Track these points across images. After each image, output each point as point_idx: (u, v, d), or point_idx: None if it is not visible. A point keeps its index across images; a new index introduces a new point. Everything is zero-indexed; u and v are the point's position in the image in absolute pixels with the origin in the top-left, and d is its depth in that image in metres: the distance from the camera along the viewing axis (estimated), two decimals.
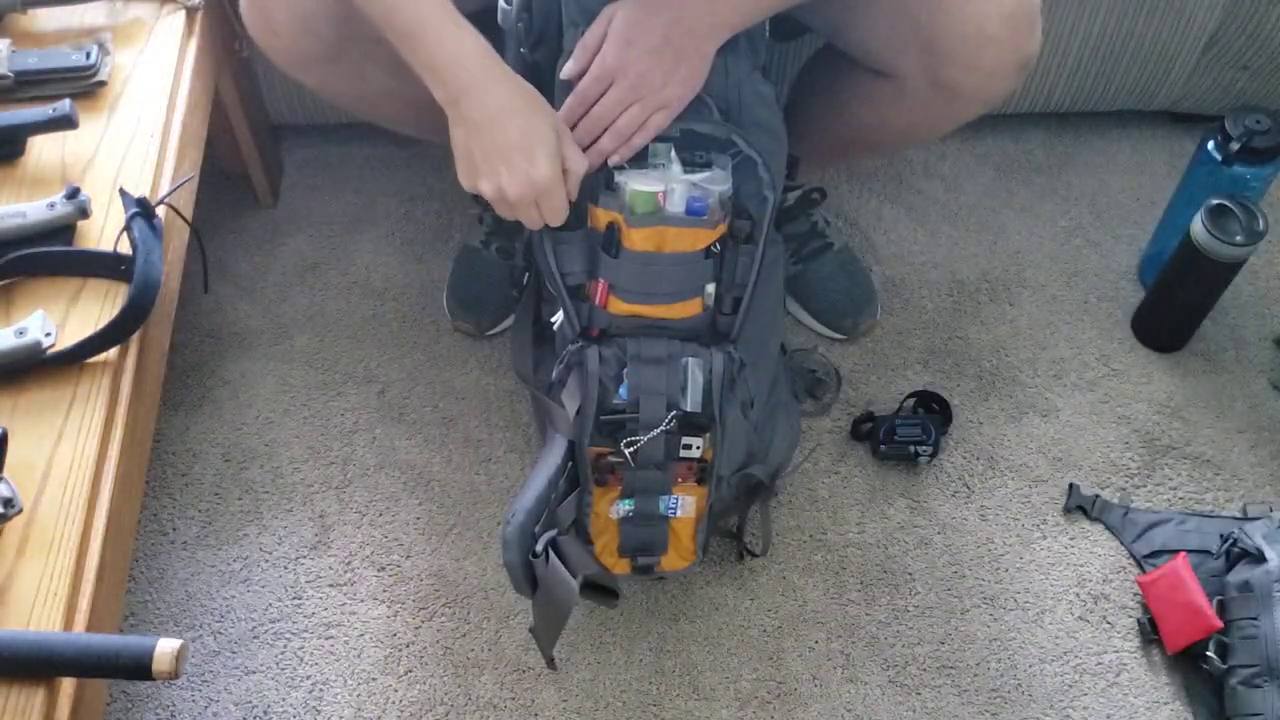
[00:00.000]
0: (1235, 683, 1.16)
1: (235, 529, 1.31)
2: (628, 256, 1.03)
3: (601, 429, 1.08)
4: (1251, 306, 1.50)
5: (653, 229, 1.02)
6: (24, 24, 1.20)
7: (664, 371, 1.06)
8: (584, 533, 1.14)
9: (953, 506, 1.34)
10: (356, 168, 1.62)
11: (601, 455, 1.09)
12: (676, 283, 1.06)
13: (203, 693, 1.21)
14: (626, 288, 1.05)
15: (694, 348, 1.07)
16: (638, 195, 1.01)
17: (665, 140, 1.02)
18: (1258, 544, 1.20)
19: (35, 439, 0.92)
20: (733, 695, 1.21)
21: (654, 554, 1.16)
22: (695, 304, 1.07)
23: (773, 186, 1.05)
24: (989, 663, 1.23)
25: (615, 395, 1.07)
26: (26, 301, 0.99)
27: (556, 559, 1.05)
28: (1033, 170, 1.64)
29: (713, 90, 1.03)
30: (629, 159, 1.02)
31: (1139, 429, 1.40)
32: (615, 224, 1.02)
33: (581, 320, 1.08)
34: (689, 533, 1.15)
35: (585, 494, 1.12)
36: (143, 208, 1.02)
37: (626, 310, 1.06)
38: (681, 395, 1.07)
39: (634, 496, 1.12)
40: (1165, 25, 1.49)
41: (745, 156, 1.03)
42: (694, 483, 1.12)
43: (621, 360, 1.07)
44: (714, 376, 1.07)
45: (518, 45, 1.09)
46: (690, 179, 1.01)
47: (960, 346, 1.47)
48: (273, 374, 1.43)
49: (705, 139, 1.03)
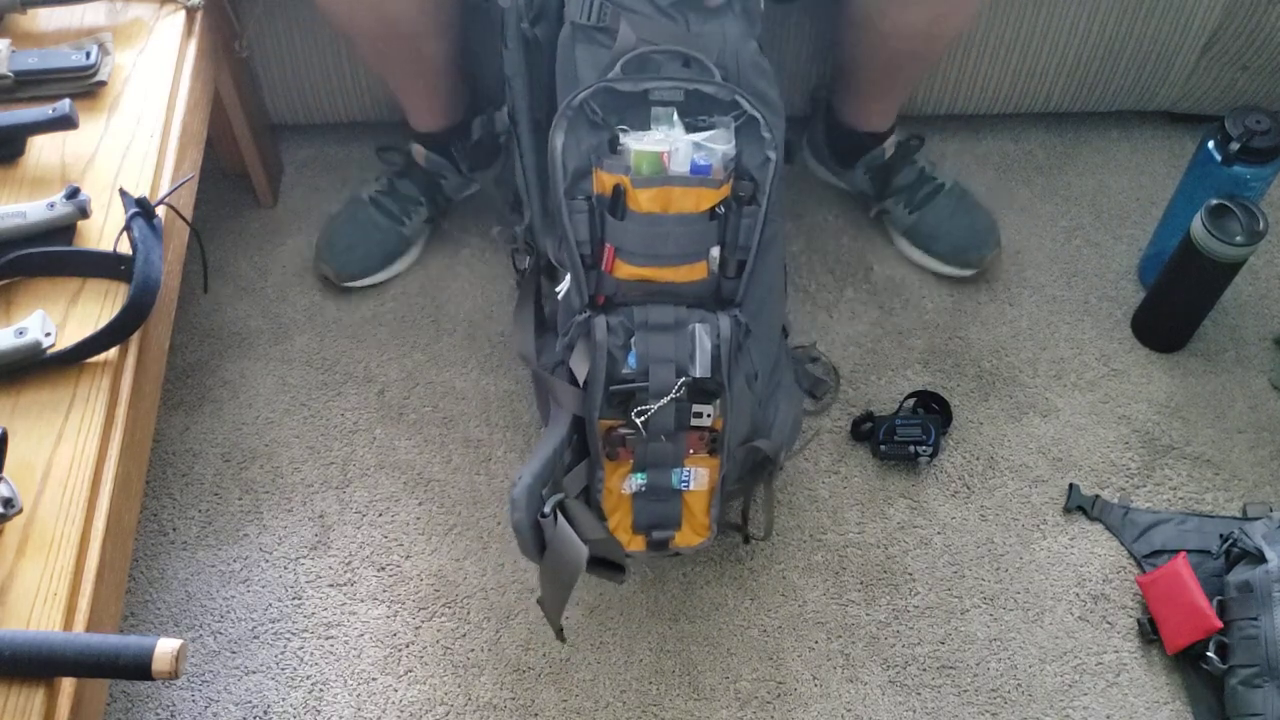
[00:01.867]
0: (1235, 683, 1.16)
1: (235, 529, 1.31)
2: (633, 218, 1.04)
3: (611, 400, 1.08)
4: (1251, 306, 1.50)
5: (658, 189, 1.02)
6: (24, 24, 1.20)
7: (672, 338, 1.06)
8: (597, 509, 1.14)
9: (953, 506, 1.34)
10: (356, 168, 1.62)
11: (612, 428, 1.09)
12: (682, 244, 1.06)
13: (203, 693, 1.21)
14: (632, 250, 1.06)
15: (701, 313, 1.07)
16: (642, 156, 1.02)
17: (669, 103, 1.03)
18: (1258, 544, 1.20)
19: (35, 439, 0.92)
20: (733, 695, 1.21)
21: (668, 529, 1.16)
22: (700, 268, 1.07)
23: (775, 147, 1.05)
24: (989, 663, 1.23)
25: (624, 365, 1.07)
26: (26, 301, 0.99)
27: (565, 522, 1.05)
28: (1033, 170, 1.64)
29: (713, 56, 1.04)
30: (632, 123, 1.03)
31: (1139, 429, 1.40)
32: (621, 185, 1.03)
33: (590, 288, 1.08)
34: (702, 506, 1.15)
35: (597, 469, 1.12)
36: (143, 208, 1.02)
37: (632, 274, 1.07)
38: (690, 362, 1.07)
39: (646, 470, 1.12)
40: (1165, 25, 1.49)
41: (748, 118, 1.04)
42: (705, 454, 1.12)
43: (629, 329, 1.07)
44: (722, 341, 1.07)
45: (518, 20, 1.09)
46: (694, 139, 1.02)
47: (960, 346, 1.47)
48: (273, 374, 1.43)
49: (708, 101, 1.03)
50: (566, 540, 1.04)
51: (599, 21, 1.04)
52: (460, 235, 1.55)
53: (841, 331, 1.47)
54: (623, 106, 1.03)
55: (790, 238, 1.54)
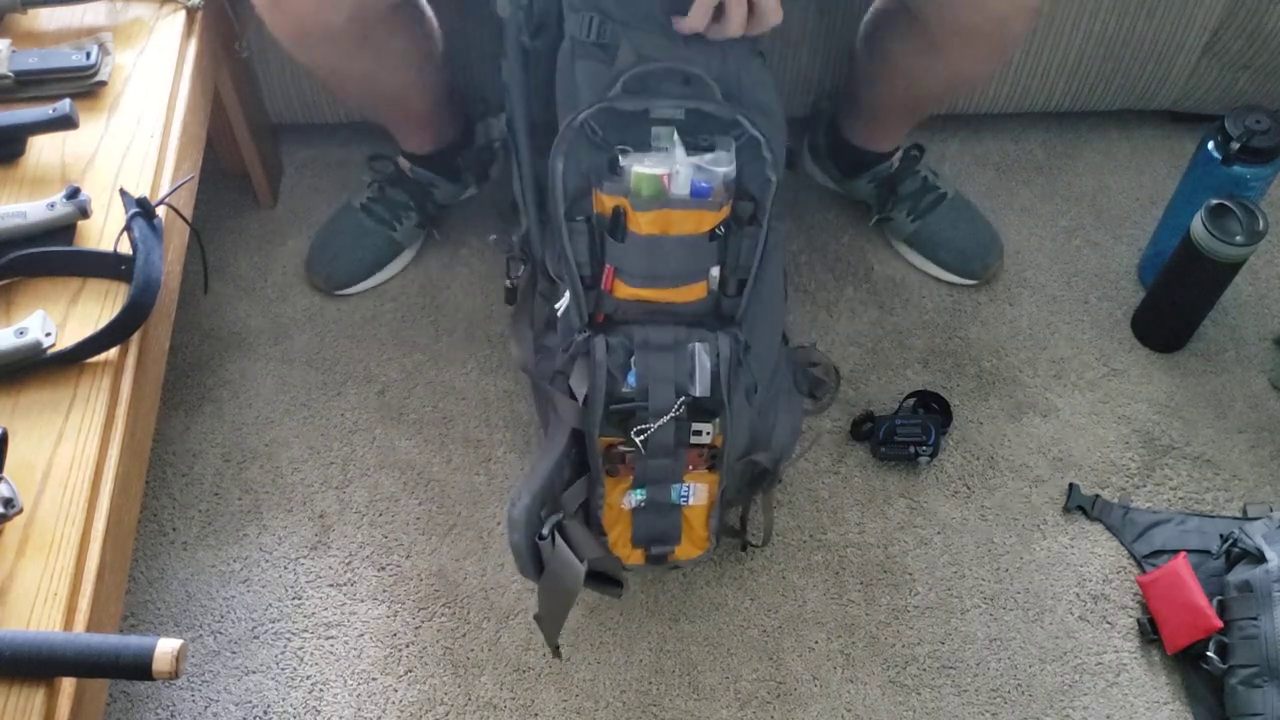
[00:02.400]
0: (1235, 683, 1.16)
1: (235, 529, 1.31)
2: (633, 240, 1.04)
3: (611, 418, 1.08)
4: (1251, 306, 1.50)
5: (658, 212, 1.02)
6: (24, 24, 1.20)
7: (671, 357, 1.07)
8: (597, 524, 1.14)
9: (953, 506, 1.34)
10: (356, 168, 1.62)
11: (612, 445, 1.09)
12: (682, 265, 1.06)
13: (203, 693, 1.21)
14: (632, 271, 1.06)
15: (700, 332, 1.08)
16: (642, 178, 1.01)
17: (669, 123, 1.03)
18: (1258, 544, 1.20)
19: (35, 439, 0.91)
20: (733, 695, 1.21)
21: (668, 544, 1.16)
22: (700, 287, 1.07)
23: (775, 168, 1.05)
24: (989, 663, 1.23)
25: (624, 384, 1.07)
26: (26, 301, 0.99)
27: (563, 542, 1.05)
28: (1033, 170, 1.64)
29: (713, 72, 1.04)
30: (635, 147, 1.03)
31: (1139, 429, 1.40)
32: (620, 208, 1.03)
33: (589, 307, 1.08)
34: (701, 520, 1.16)
35: (597, 485, 1.12)
36: (143, 208, 1.02)
37: (632, 294, 1.07)
38: (690, 381, 1.07)
39: (646, 486, 1.12)
40: (1165, 25, 1.49)
41: (749, 138, 1.03)
42: (705, 469, 1.13)
43: (629, 348, 1.07)
44: (721, 360, 1.07)
45: (517, 33, 1.09)
46: (694, 161, 1.02)
47: (960, 346, 1.47)
48: (273, 374, 1.43)
49: (710, 120, 1.03)
50: (564, 561, 1.05)
51: (599, 38, 1.04)
52: (459, 235, 1.55)
53: (841, 331, 1.47)
54: (623, 125, 1.03)
55: (790, 238, 1.54)
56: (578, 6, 1.03)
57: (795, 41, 1.48)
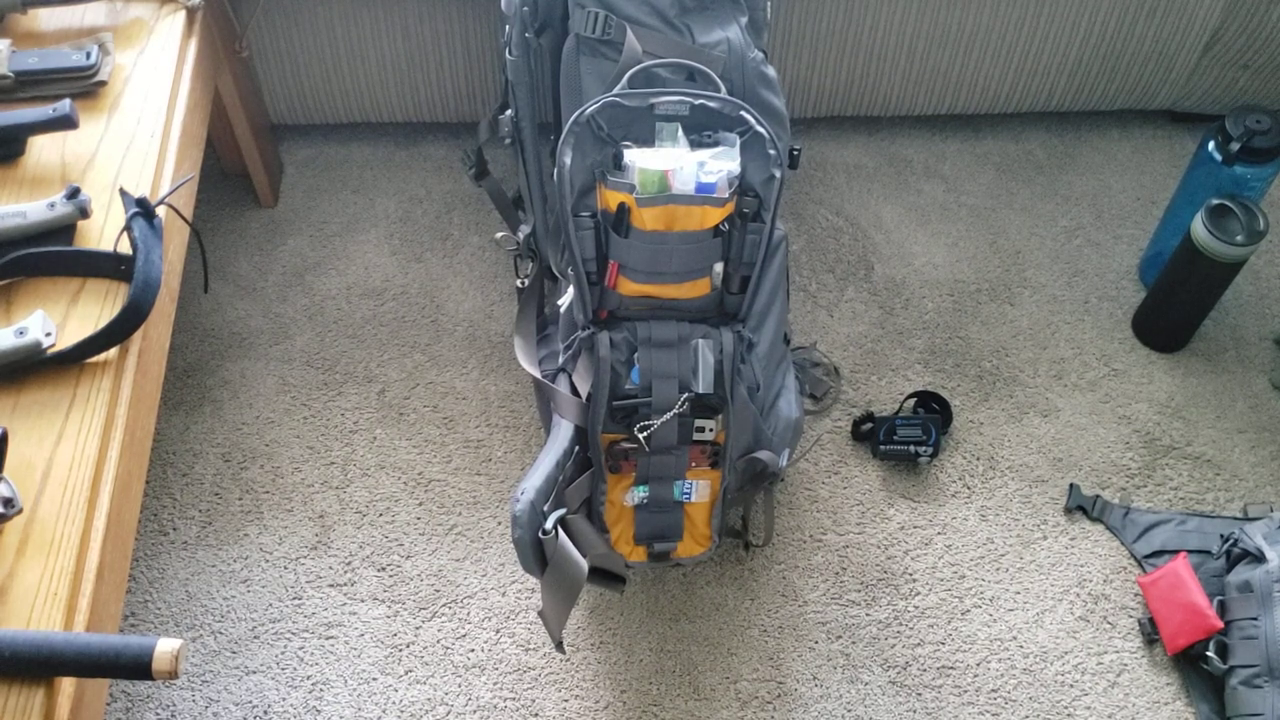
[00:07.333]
0: (1235, 683, 1.16)
1: (235, 529, 1.31)
2: (638, 236, 1.04)
3: (614, 415, 1.08)
4: (1251, 306, 1.50)
5: (662, 208, 1.02)
6: (24, 24, 1.20)
7: (675, 354, 1.07)
8: (599, 521, 1.14)
9: (953, 506, 1.34)
10: (356, 168, 1.62)
11: (615, 442, 1.09)
12: (686, 261, 1.06)
13: (203, 693, 1.21)
14: (636, 267, 1.06)
15: (704, 329, 1.08)
16: (646, 174, 1.01)
17: (674, 119, 1.03)
18: (1258, 544, 1.20)
19: (35, 439, 0.91)
20: (733, 695, 1.21)
21: (670, 540, 1.16)
22: (704, 284, 1.07)
23: (780, 164, 1.05)
24: (989, 663, 1.23)
25: (627, 381, 1.07)
26: (26, 301, 0.99)
27: (566, 537, 1.05)
28: (1033, 170, 1.64)
29: (717, 67, 1.03)
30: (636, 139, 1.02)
31: (1139, 429, 1.40)
32: (625, 204, 1.03)
33: (593, 303, 1.08)
34: (704, 517, 1.16)
35: (600, 481, 1.12)
36: (143, 208, 1.02)
37: (636, 290, 1.07)
38: (693, 377, 1.07)
39: (648, 483, 1.12)
40: (1165, 25, 1.49)
41: (754, 134, 1.03)
42: (707, 466, 1.13)
43: (632, 345, 1.07)
44: (724, 356, 1.07)
45: (522, 30, 1.09)
46: (698, 157, 1.02)
47: (960, 346, 1.47)
48: (273, 374, 1.43)
49: (714, 115, 1.03)
50: (567, 557, 1.04)
51: (604, 35, 1.04)
52: (460, 235, 1.55)
53: (842, 331, 1.47)
54: (628, 120, 1.03)
55: (790, 237, 1.54)
56: (583, 2, 1.03)
57: (800, 41, 1.48)
